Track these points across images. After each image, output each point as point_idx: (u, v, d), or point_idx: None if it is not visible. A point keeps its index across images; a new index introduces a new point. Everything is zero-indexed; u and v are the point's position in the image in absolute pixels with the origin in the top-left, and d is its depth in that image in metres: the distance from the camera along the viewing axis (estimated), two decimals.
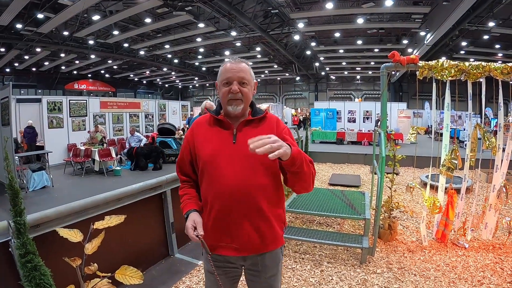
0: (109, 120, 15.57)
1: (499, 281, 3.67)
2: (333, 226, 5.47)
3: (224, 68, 1.80)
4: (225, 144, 1.78)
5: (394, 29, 19.03)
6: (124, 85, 38.76)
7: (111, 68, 30.95)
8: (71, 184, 9.73)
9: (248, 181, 1.72)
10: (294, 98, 43.89)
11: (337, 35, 20.88)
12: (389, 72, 4.84)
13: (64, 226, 2.69)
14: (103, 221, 1.75)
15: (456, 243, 4.65)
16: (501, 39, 19.20)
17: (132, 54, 24.17)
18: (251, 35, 20.23)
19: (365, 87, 39.79)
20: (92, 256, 1.75)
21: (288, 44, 23.46)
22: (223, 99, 1.80)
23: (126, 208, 3.58)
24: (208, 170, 1.77)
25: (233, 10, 15.20)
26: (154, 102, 19.04)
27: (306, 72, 34.22)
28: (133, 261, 3.63)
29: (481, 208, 4.80)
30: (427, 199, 4.48)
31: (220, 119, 1.83)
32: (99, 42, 20.79)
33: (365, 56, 26.48)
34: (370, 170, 10.04)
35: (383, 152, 4.30)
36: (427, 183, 4.85)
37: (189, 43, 22.76)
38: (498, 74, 4.32)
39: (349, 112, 22.45)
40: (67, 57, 24.05)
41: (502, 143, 4.53)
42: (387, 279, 3.73)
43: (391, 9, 14.93)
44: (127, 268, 1.65)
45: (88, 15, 15.53)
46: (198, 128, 1.90)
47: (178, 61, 28.43)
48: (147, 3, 14.15)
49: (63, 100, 13.53)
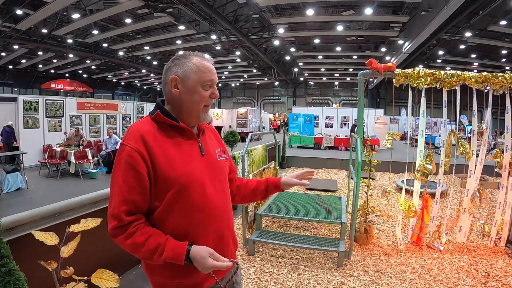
0: (86, 122, 15.24)
1: (473, 282, 3.77)
2: (310, 230, 5.50)
3: (203, 66, 1.49)
4: (195, 157, 1.50)
5: (373, 37, 19.40)
6: (102, 86, 38.20)
7: (89, 68, 30.49)
8: (46, 186, 9.47)
9: (226, 195, 1.62)
10: (273, 103, 44.23)
11: (316, 41, 21.20)
12: (366, 79, 4.91)
13: (39, 229, 2.63)
14: (79, 224, 1.70)
15: (431, 246, 4.76)
16: (477, 49, 19.93)
17: (111, 54, 23.89)
18: (231, 39, 20.30)
19: (343, 93, 40.45)
20: (68, 260, 1.72)
21: (267, 49, 23.67)
22: (199, 104, 1.49)
23: (103, 211, 3.50)
24: (189, 193, 1.41)
25: (214, 14, 15.21)
26: (132, 104, 18.74)
27: (285, 77, 34.56)
28: (110, 265, 3.57)
29: (456, 212, 4.93)
30: (403, 203, 4.57)
31: (182, 127, 1.49)
32: (78, 41, 20.45)
33: (344, 62, 26.94)
34: (346, 175, 10.16)
35: (359, 157, 4.37)
36: (402, 187, 4.95)
37: (169, 45, 22.68)
38: (472, 82, 4.45)
39: (327, 118, 22.77)
40: (45, 55, 23.55)
41: (475, 149, 4.67)
42: (364, 282, 3.78)
43: (371, 17, 15.25)
44: (103, 271, 1.62)
45: (67, 13, 15.27)
46: (153, 140, 1.41)
47: (157, 63, 28.20)
48: (128, 3, 14.02)
49: (40, 100, 13.12)
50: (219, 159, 1.64)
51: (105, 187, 3.76)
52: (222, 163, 1.65)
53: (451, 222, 4.91)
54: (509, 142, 4.59)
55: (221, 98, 45.55)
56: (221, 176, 1.62)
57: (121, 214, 1.32)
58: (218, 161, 1.63)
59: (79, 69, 30.69)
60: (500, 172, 4.72)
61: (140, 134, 1.40)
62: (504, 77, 4.43)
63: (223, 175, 1.64)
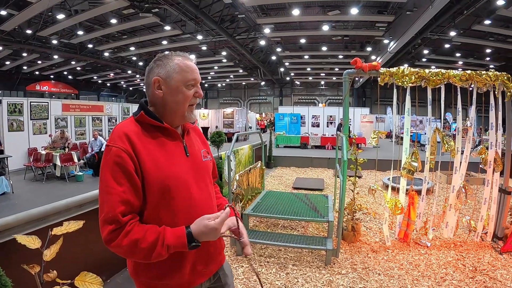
0: (71, 124, 15.05)
1: (461, 277, 3.83)
2: (298, 229, 5.52)
3: (186, 65, 1.48)
4: (180, 158, 1.49)
5: (359, 37, 19.55)
6: (88, 87, 37.71)
7: (74, 69, 30.05)
8: (31, 190, 9.33)
9: (210, 195, 1.61)
10: (259, 102, 44.28)
11: (302, 41, 21.30)
12: (351, 78, 4.95)
13: (24, 233, 2.59)
14: (62, 227, 1.67)
15: (419, 242, 4.81)
16: (461, 48, 20.27)
17: (96, 55, 23.61)
18: (217, 39, 20.24)
19: (329, 92, 40.71)
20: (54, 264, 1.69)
21: (253, 49, 23.67)
22: (184, 103, 1.48)
23: (89, 214, 3.47)
24: (172, 194, 1.40)
25: (200, 14, 15.15)
26: (117, 106, 18.55)
27: (271, 77, 34.61)
28: (97, 269, 3.52)
29: (442, 208, 5.00)
30: (389, 200, 4.61)
31: (166, 128, 1.48)
32: (63, 42, 20.14)
33: (330, 62, 27.09)
34: (333, 174, 10.23)
35: (345, 155, 4.40)
36: (389, 185, 5.00)
37: (154, 46, 22.52)
38: (457, 81, 4.52)
39: (313, 117, 22.93)
40: (30, 56, 23.13)
41: (460, 146, 4.73)
42: (352, 279, 3.80)
43: (356, 17, 15.34)
44: (86, 274, 1.59)
45: (52, 13, 15.01)
46: (138, 140, 1.40)
47: (143, 64, 27.97)
48: (113, 3, 13.86)
49: (24, 102, 12.84)
50: (204, 160, 1.63)
51: (91, 190, 3.73)
52: (207, 163, 1.65)
53: (437, 218, 4.97)
54: (493, 139, 4.67)
55: (207, 98, 45.45)
56: (206, 176, 1.61)
57: (118, 216, 1.28)
58: (203, 162, 1.62)
59: (64, 70, 30.28)
60: (485, 168, 4.80)
61: (125, 134, 1.38)
62: (488, 75, 4.50)
63: (207, 176, 1.64)
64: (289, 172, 11.34)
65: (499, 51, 20.30)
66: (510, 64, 22.39)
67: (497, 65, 22.79)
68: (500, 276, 3.87)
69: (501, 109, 4.64)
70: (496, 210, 4.78)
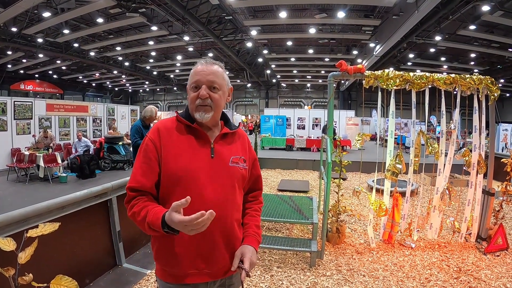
0: (56, 124, 14.85)
1: (445, 278, 3.88)
2: (282, 231, 5.51)
3: (194, 70, 1.63)
4: (202, 157, 1.59)
5: (345, 40, 19.64)
6: (73, 87, 37.16)
7: (59, 68, 29.54)
8: (14, 192, 9.16)
9: (227, 199, 1.62)
10: (245, 104, 44.22)
11: (289, 43, 21.36)
12: (336, 80, 4.98)
13: (4, 236, 2.54)
14: (37, 229, 1.64)
15: (403, 243, 4.85)
16: (446, 52, 20.61)
17: (82, 55, 23.23)
18: (204, 40, 20.12)
19: (315, 95, 40.90)
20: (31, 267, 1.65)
21: (240, 51, 23.63)
22: (191, 104, 1.62)
23: (70, 216, 3.42)
24: (183, 186, 1.52)
25: (187, 15, 15.05)
26: (102, 106, 18.36)
27: (258, 79, 34.60)
28: (78, 272, 3.49)
29: (426, 210, 5.06)
30: (374, 202, 4.64)
31: (195, 128, 1.62)
32: (49, 41, 19.73)
33: (316, 65, 27.21)
34: (318, 176, 10.28)
35: (329, 157, 4.42)
36: (373, 187, 5.03)
37: (141, 46, 22.32)
38: (441, 84, 4.57)
39: (299, 119, 23.07)
40: (14, 55, 22.57)
41: (444, 149, 4.79)
42: (337, 281, 3.81)
43: (343, 20, 15.43)
44: (62, 277, 1.56)
45: (38, 11, 14.72)
46: (167, 135, 1.60)
47: (129, 64, 27.71)
48: (100, 2, 13.67)
49: (8, 101, 12.63)
50: (230, 165, 1.66)
51: (75, 191, 3.66)
52: (234, 169, 1.68)
53: (421, 219, 5.03)
54: (477, 142, 4.74)
55: None
56: (228, 180, 1.64)
57: (127, 189, 1.56)
58: (229, 166, 1.66)
59: (49, 69, 29.74)
60: (468, 170, 4.87)
61: (158, 128, 1.63)
62: (472, 79, 4.57)
63: (230, 180, 1.65)
64: (274, 174, 11.32)
65: (483, 55, 20.68)
66: (494, 69, 22.83)
67: (481, 70, 23.20)
68: (485, 276, 3.92)
69: (484, 112, 4.72)
70: (479, 211, 4.85)
